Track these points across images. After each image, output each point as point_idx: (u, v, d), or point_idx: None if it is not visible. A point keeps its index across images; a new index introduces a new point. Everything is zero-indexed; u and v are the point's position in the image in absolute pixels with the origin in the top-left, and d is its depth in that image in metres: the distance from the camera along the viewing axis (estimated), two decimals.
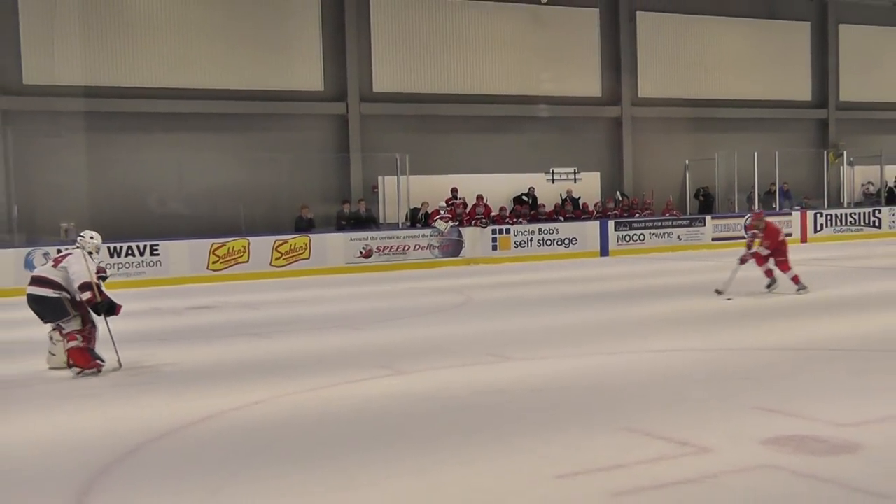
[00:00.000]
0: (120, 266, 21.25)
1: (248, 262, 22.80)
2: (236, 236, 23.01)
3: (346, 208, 25.51)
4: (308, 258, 23.40)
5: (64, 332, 10.48)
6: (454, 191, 26.66)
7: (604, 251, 26.84)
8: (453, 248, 25.10)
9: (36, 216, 22.99)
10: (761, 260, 16.67)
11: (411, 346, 12.12)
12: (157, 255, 21.92)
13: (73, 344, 10.43)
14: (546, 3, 29.01)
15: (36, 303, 10.61)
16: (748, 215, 21.66)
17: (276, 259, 23.15)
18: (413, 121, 27.60)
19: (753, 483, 6.08)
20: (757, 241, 16.45)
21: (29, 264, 20.28)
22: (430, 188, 26.39)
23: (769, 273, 16.71)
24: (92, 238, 11.07)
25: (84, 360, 10.40)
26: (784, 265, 16.54)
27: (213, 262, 22.45)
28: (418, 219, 25.94)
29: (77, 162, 23.70)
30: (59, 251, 12.26)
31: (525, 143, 28.94)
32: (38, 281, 10.65)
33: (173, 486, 6.45)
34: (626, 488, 6.05)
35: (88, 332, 10.63)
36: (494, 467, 6.60)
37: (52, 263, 10.83)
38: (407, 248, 24.52)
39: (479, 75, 28.53)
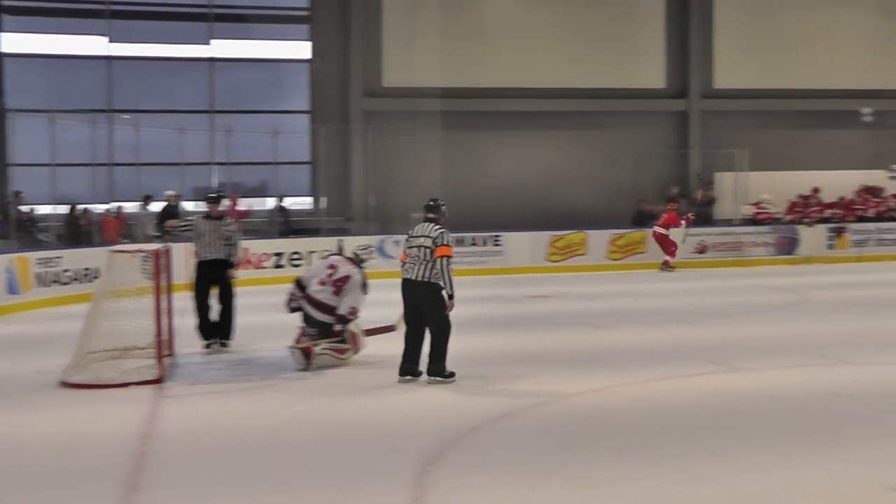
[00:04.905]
0: (465, 255, 22.17)
1: (585, 254, 23.13)
2: (575, 229, 23.39)
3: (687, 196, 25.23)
4: (644, 252, 23.39)
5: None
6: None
7: None
8: (789, 245, 24.27)
9: (390, 207, 24.34)
10: None
11: (745, 343, 11.92)
12: (500, 245, 22.69)
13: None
14: None
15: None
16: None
17: (613, 252, 23.32)
18: (753, 117, 26.78)
19: None
20: None
21: (381, 251, 21.59)
22: (769, 184, 25.53)
23: None
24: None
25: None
26: None
27: (552, 254, 22.98)
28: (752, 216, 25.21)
29: (429, 158, 24.88)
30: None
31: (867, 139, 27.39)
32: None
33: (511, 464, 6.74)
34: None
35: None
36: (826, 473, 6.48)
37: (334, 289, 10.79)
38: (742, 245, 23.97)
39: (823, 70, 27.16)
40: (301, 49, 25.63)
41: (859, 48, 27.54)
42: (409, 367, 9.66)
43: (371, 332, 11.10)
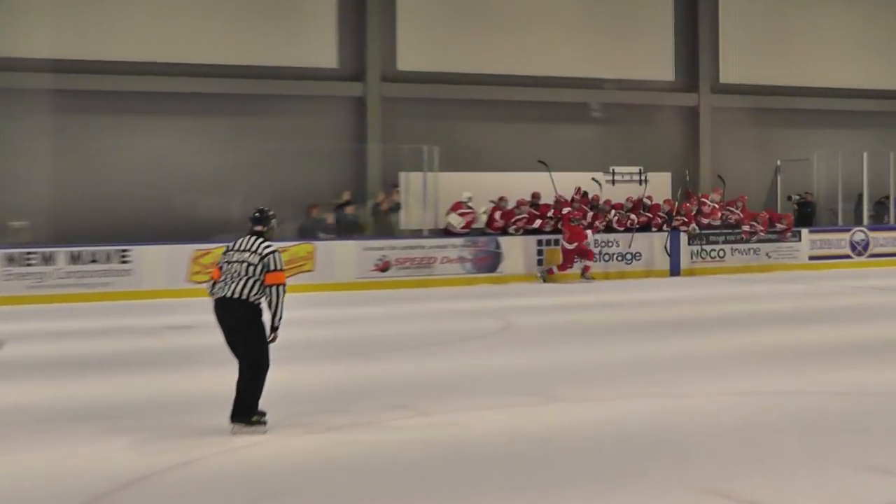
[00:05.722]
0: (83, 275, 21.40)
1: None
2: (224, 242, 22.99)
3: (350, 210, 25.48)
4: (311, 270, 23.36)
5: None
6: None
7: (674, 270, 26.66)
8: (490, 261, 24.97)
9: None
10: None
11: (438, 380, 12.11)
12: (129, 262, 21.98)
13: None
14: None
15: None
16: None
17: None
18: (445, 106, 27.54)
19: None
20: None
21: None
22: (464, 187, 26.15)
23: None
24: None
25: None
26: None
27: (196, 273, 22.40)
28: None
29: (36, 148, 23.85)
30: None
31: (582, 135, 28.79)
32: None
33: None
34: None
35: None
36: None
37: None
38: (433, 260, 24.44)
39: (527, 54, 28.38)
40: None
41: (567, 30, 28.93)
42: None
43: None
